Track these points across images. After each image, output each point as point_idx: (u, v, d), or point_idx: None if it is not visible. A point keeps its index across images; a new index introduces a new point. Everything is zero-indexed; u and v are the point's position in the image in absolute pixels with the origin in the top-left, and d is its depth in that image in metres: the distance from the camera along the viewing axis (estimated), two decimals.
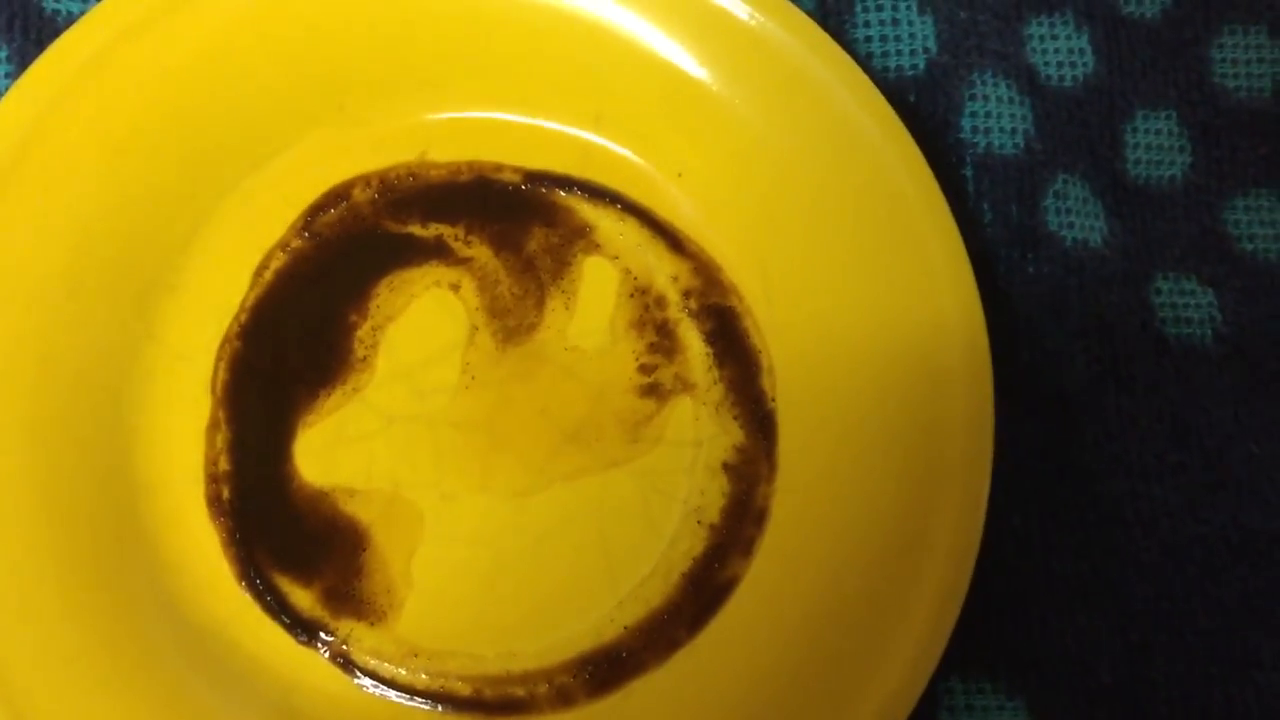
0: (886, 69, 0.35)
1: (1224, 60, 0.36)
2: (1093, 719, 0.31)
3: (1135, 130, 0.35)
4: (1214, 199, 0.35)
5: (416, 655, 0.30)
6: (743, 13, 0.32)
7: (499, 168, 0.34)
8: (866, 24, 0.35)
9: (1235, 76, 0.36)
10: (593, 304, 0.33)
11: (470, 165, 0.34)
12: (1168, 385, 0.33)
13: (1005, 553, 0.32)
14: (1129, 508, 0.32)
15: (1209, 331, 0.34)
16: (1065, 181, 0.34)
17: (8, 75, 0.34)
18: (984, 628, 0.31)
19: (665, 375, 0.33)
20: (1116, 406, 0.33)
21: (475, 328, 0.33)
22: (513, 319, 0.33)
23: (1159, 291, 0.34)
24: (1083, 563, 0.32)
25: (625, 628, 0.31)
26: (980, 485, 0.29)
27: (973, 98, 0.35)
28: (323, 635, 0.31)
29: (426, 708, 0.30)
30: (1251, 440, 0.33)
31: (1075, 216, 0.34)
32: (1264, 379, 0.33)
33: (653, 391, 0.33)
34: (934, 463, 0.30)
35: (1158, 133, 0.35)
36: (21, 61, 0.34)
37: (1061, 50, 0.35)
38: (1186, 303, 0.34)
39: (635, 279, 0.33)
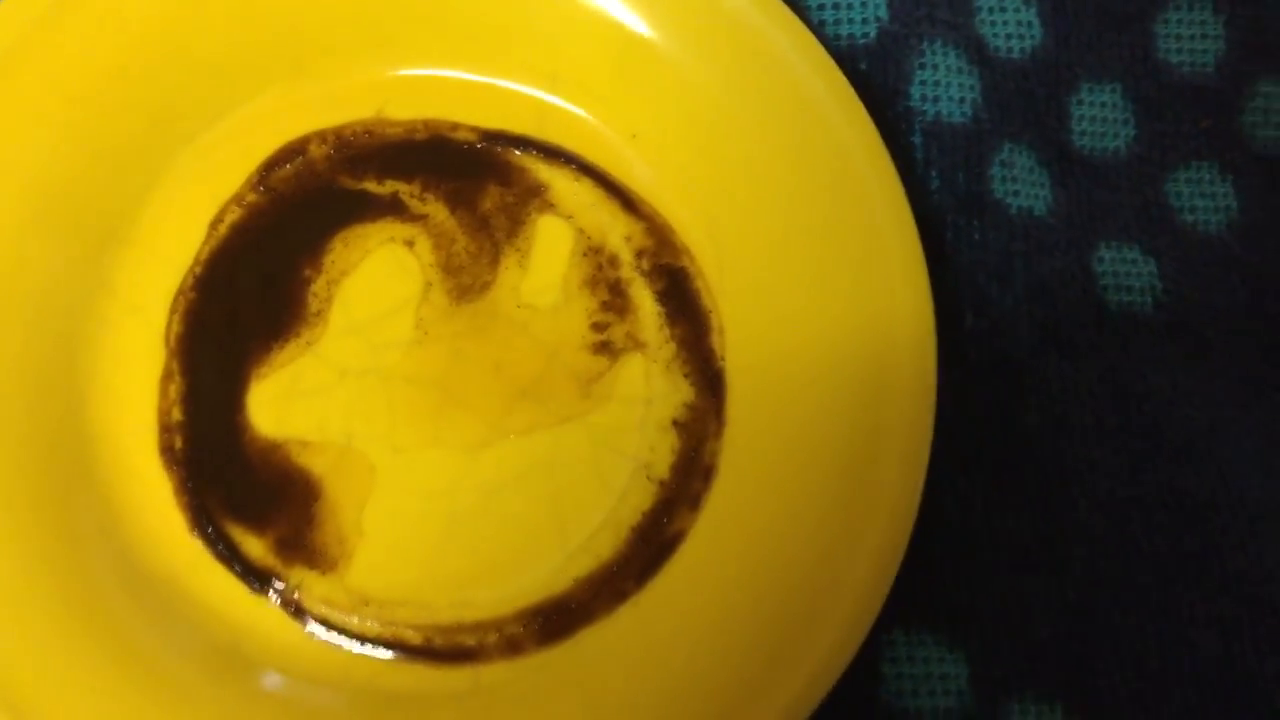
0: (839, 36, 0.35)
1: (1168, 35, 0.37)
2: (1031, 672, 0.31)
3: (1081, 102, 0.36)
4: (1156, 171, 0.36)
5: (367, 604, 0.31)
6: None
7: (455, 126, 0.34)
8: None
9: (1179, 51, 0.37)
10: (546, 262, 0.34)
11: (427, 123, 0.34)
12: (1109, 351, 0.34)
13: (949, 511, 0.32)
14: (1069, 469, 0.33)
15: (1149, 300, 0.35)
16: (1011, 150, 0.35)
17: None
18: (927, 583, 0.31)
19: (617, 333, 0.33)
20: (1059, 371, 0.34)
21: (429, 284, 0.33)
22: (467, 276, 0.33)
23: (1101, 260, 0.35)
24: (1024, 522, 0.32)
25: (575, 579, 0.31)
26: (921, 445, 0.30)
27: (922, 66, 0.35)
28: (274, 583, 0.31)
29: (377, 655, 0.30)
30: (1189, 406, 0.33)
31: (1020, 185, 0.35)
32: (1201, 347, 0.34)
33: (604, 349, 0.33)
34: (877, 423, 0.30)
35: (1103, 105, 0.36)
36: None
37: (1010, 22, 0.36)
38: (1128, 271, 0.35)
39: (589, 238, 0.34)
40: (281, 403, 0.32)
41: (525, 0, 0.34)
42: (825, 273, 0.32)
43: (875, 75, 0.35)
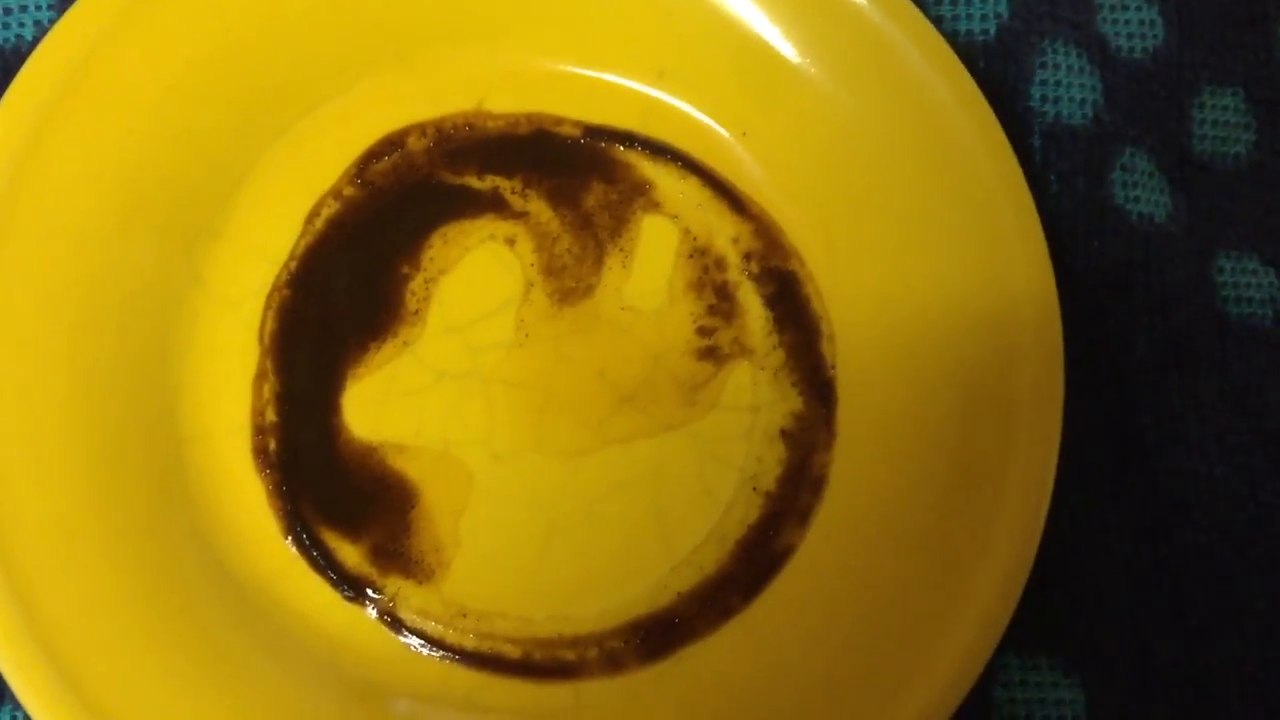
0: (956, 33, 0.34)
1: None
2: (1149, 698, 0.30)
3: (1202, 106, 0.35)
4: (1276, 178, 0.35)
5: (465, 615, 0.30)
6: None
7: (558, 121, 0.33)
8: None
9: None
10: (651, 263, 0.32)
11: (529, 117, 0.33)
12: (1229, 365, 0.33)
13: (1064, 530, 0.31)
14: (1188, 488, 0.32)
15: (1270, 312, 0.33)
16: (1132, 155, 0.34)
17: (51, 7, 0.33)
18: (1040, 605, 0.30)
19: (724, 339, 0.32)
20: (1178, 385, 0.32)
21: (530, 284, 0.32)
22: (569, 277, 0.32)
23: (1221, 270, 0.33)
24: (1141, 543, 0.31)
25: (678, 594, 0.30)
26: (1048, 455, 0.29)
27: (1043, 66, 0.34)
28: (370, 592, 0.30)
29: (474, 669, 0.29)
30: None
31: (1141, 191, 0.33)
32: None
33: (710, 355, 0.32)
34: (999, 437, 0.29)
35: (1224, 109, 0.35)
36: None
37: (1132, 21, 0.35)
38: (1248, 282, 0.34)
39: (695, 239, 0.33)
40: (377, 405, 0.31)
41: None
42: (944, 278, 0.31)
43: (994, 74, 0.34)
